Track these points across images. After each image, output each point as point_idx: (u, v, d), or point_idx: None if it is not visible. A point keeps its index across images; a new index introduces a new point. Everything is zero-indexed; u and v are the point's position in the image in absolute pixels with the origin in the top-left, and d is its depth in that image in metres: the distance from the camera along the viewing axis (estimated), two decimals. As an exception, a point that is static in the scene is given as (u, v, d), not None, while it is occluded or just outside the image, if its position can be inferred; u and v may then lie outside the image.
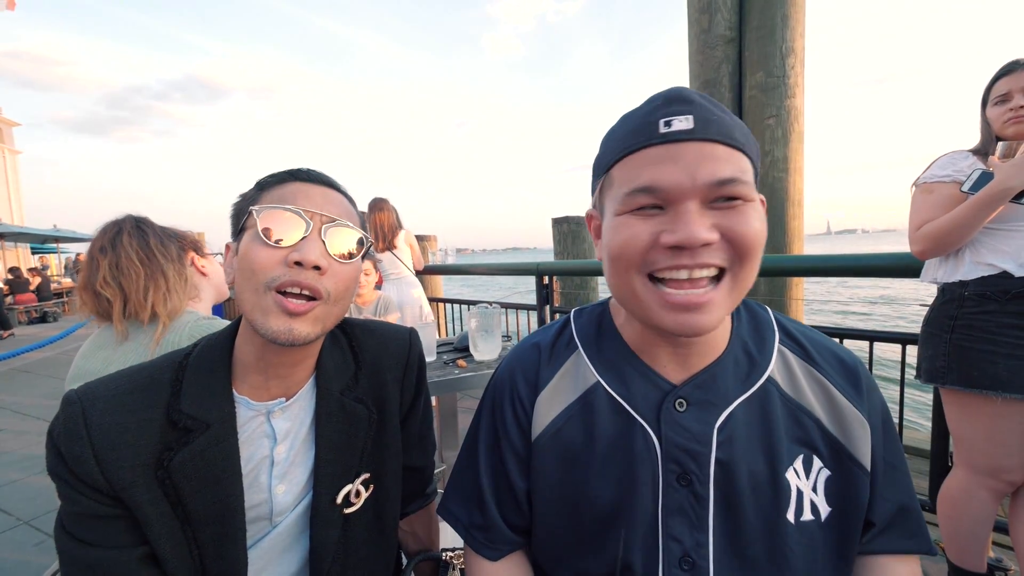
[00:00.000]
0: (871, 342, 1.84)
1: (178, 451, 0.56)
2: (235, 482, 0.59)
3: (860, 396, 0.56)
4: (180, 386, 0.59)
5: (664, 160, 0.46)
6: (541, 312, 3.08)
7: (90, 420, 0.55)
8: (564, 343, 0.65)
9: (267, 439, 0.64)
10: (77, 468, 0.53)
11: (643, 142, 0.48)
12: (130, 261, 0.99)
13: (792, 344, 0.59)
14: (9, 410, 3.81)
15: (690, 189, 0.45)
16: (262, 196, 0.61)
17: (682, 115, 0.47)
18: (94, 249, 1.02)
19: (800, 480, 0.54)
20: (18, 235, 14.73)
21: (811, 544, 0.54)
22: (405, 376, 0.76)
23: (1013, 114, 1.20)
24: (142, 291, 0.98)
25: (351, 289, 0.63)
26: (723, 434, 0.54)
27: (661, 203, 0.47)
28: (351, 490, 0.67)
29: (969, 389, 1.21)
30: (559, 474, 0.60)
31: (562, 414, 0.60)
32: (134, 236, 1.02)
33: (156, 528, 0.55)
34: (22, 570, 1.83)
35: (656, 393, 0.56)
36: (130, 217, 1.06)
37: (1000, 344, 1.16)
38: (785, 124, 3.16)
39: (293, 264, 0.56)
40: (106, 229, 1.03)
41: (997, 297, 1.17)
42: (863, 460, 0.55)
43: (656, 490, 0.55)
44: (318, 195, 0.61)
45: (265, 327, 0.56)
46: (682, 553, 0.54)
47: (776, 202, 3.22)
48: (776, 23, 3.08)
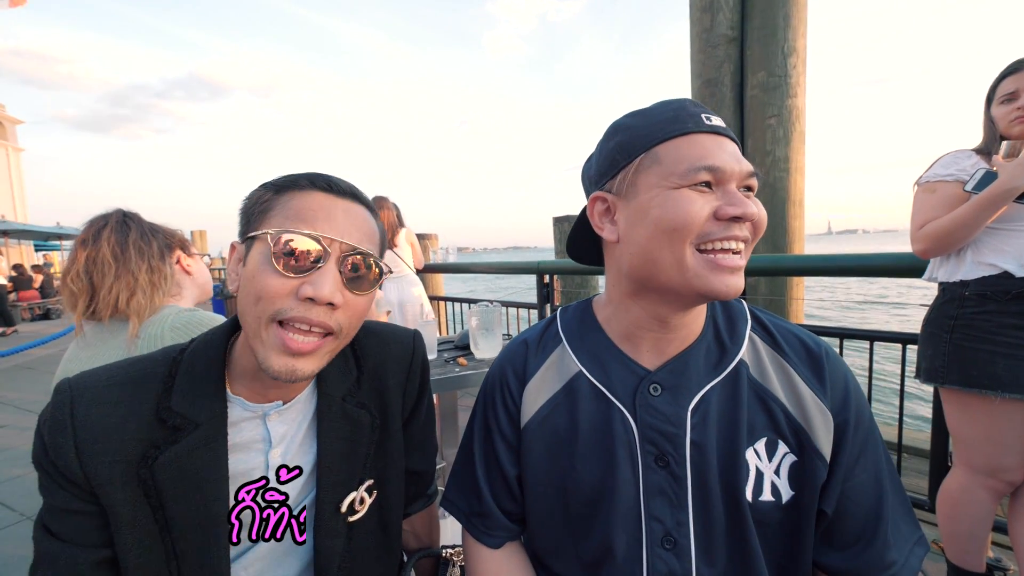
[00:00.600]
0: (871, 342, 1.84)
1: (164, 450, 0.54)
2: (221, 487, 0.56)
3: (823, 384, 0.58)
4: (172, 382, 0.57)
5: (718, 147, 0.53)
6: (542, 311, 3.08)
7: (76, 410, 0.53)
8: (550, 337, 0.69)
9: (262, 443, 0.62)
10: (57, 459, 0.52)
11: (694, 128, 0.54)
12: (104, 256, 0.98)
13: (762, 332, 0.62)
14: (12, 406, 3.83)
15: (737, 174, 0.53)
16: (277, 202, 0.55)
17: (708, 114, 0.55)
18: (77, 241, 1.02)
19: (760, 461, 0.56)
20: (22, 232, 14.77)
21: (767, 524, 0.56)
22: (408, 380, 0.75)
23: (1020, 113, 1.19)
24: (108, 287, 0.97)
25: (364, 318, 0.60)
26: (696, 416, 0.57)
27: (714, 182, 0.53)
28: (356, 497, 0.65)
29: (969, 389, 1.21)
30: (547, 459, 0.63)
31: (548, 402, 0.64)
32: (115, 231, 1.01)
33: (126, 534, 0.52)
34: (24, 565, 1.84)
35: (632, 379, 0.61)
36: (119, 211, 1.05)
37: (1000, 344, 1.16)
38: (786, 124, 3.16)
39: (304, 299, 0.52)
40: (93, 222, 1.03)
41: (997, 297, 1.17)
42: (823, 449, 0.56)
43: (636, 472, 0.58)
44: (340, 214, 0.56)
45: (266, 363, 0.53)
46: (664, 532, 0.57)
47: (777, 202, 3.21)
48: (778, 23, 3.07)
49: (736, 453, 0.56)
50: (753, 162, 2.76)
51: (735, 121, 3.43)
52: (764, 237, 3.52)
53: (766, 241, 3.33)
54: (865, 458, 0.57)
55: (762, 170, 3.25)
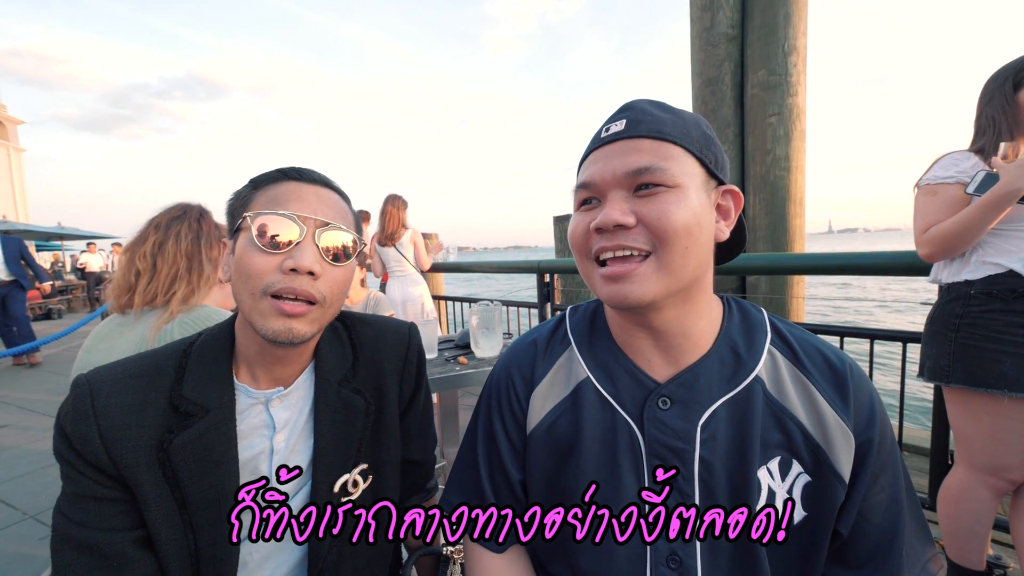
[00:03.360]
0: (871, 340, 1.84)
1: (178, 434, 0.58)
2: (231, 468, 0.60)
3: (846, 404, 0.54)
4: (183, 372, 0.62)
5: (598, 160, 0.54)
6: (542, 310, 3.09)
7: (97, 401, 0.57)
8: (559, 339, 0.67)
9: (266, 428, 0.65)
10: (82, 448, 0.55)
11: (589, 149, 0.57)
12: (177, 248, 1.03)
13: (783, 346, 0.58)
14: (14, 406, 3.84)
15: (611, 180, 0.52)
16: (256, 196, 0.61)
17: (618, 120, 0.55)
18: (151, 223, 1.06)
19: (773, 481, 0.53)
20: (23, 232, 14.79)
21: (778, 545, 0.53)
22: (404, 369, 0.77)
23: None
24: (171, 278, 1.02)
25: (345, 290, 0.65)
26: (706, 432, 0.54)
27: (597, 196, 0.54)
28: (348, 480, 0.68)
29: (974, 388, 1.20)
30: (551, 467, 0.61)
31: (555, 409, 0.62)
32: (192, 228, 1.06)
33: (155, 510, 0.57)
34: (27, 564, 1.85)
35: (641, 391, 0.58)
36: (198, 207, 1.11)
37: (1006, 343, 1.16)
38: (787, 122, 3.16)
39: (288, 271, 0.58)
40: (171, 209, 1.08)
41: (1003, 296, 1.17)
42: (841, 470, 0.53)
43: (641, 486, 0.55)
44: (312, 196, 0.62)
45: (265, 329, 0.58)
46: (669, 552, 0.54)
47: (777, 200, 3.21)
48: (778, 21, 3.07)
49: (747, 472, 0.53)
50: (753, 161, 2.76)
51: (736, 119, 3.43)
52: (764, 236, 3.53)
53: (767, 240, 3.33)
54: (884, 477, 0.54)
55: (762, 168, 3.25)
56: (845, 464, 0.53)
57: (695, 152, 0.53)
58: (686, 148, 0.53)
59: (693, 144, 0.53)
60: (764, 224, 3.37)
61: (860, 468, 0.53)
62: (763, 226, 3.37)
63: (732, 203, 0.58)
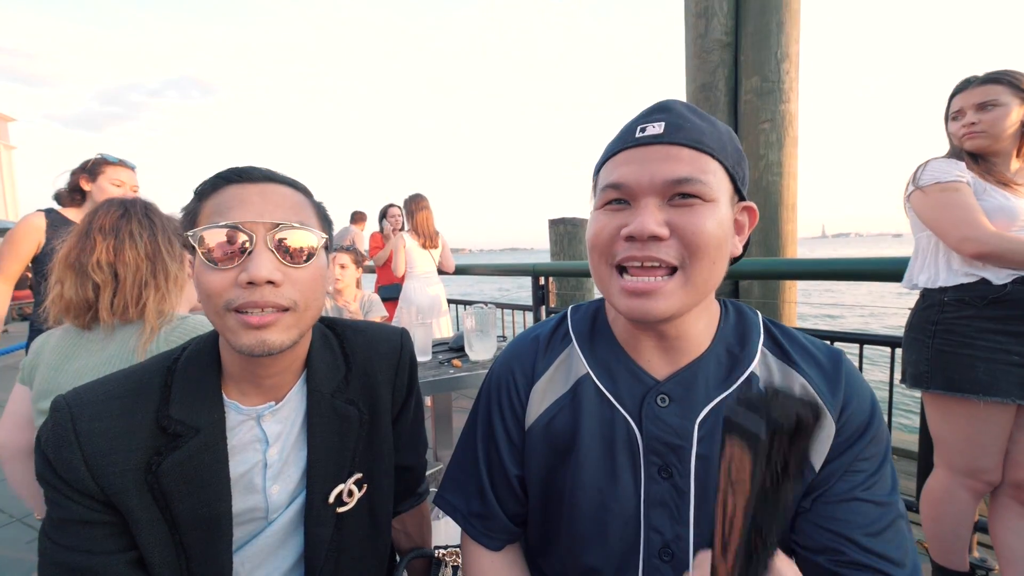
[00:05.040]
0: (861, 345, 1.87)
1: (167, 456, 0.56)
2: (223, 488, 0.59)
3: (835, 396, 0.55)
4: (169, 391, 0.59)
5: (632, 161, 0.52)
6: (537, 312, 3.10)
7: (79, 426, 0.54)
8: (560, 336, 0.68)
9: (259, 443, 0.63)
10: (67, 474, 0.53)
11: (620, 146, 0.55)
12: (135, 251, 0.91)
13: (773, 346, 0.60)
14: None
15: (648, 186, 0.51)
16: (202, 208, 0.57)
17: (656, 122, 0.53)
18: (93, 228, 0.91)
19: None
20: (13, 231, 14.60)
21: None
22: (396, 377, 0.76)
23: (966, 130, 1.26)
24: (138, 286, 0.91)
25: (318, 289, 0.60)
26: (703, 429, 0.56)
27: (627, 198, 0.52)
28: (343, 490, 0.67)
29: (951, 392, 1.23)
30: (549, 463, 0.62)
31: (554, 405, 0.63)
32: (143, 224, 0.94)
33: (146, 533, 0.55)
34: (15, 567, 1.83)
35: (640, 388, 0.59)
36: (140, 201, 0.98)
37: (979, 348, 1.19)
38: (779, 129, 3.19)
39: (245, 284, 0.53)
40: (109, 208, 0.94)
41: (975, 303, 1.20)
42: (815, 460, 0.53)
43: (638, 482, 0.57)
44: (256, 197, 0.56)
45: (237, 344, 0.54)
46: (662, 544, 0.56)
47: (770, 206, 3.24)
48: (771, 28, 3.10)
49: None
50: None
51: (729, 125, 3.46)
52: (757, 241, 3.56)
53: (759, 245, 3.36)
54: (872, 463, 0.53)
55: (755, 174, 3.28)
56: (819, 454, 0.53)
57: (728, 168, 0.53)
58: (721, 162, 0.53)
59: (728, 159, 0.53)
60: (757, 229, 3.39)
61: (838, 454, 0.53)
62: (756, 231, 3.39)
63: (747, 219, 0.59)
